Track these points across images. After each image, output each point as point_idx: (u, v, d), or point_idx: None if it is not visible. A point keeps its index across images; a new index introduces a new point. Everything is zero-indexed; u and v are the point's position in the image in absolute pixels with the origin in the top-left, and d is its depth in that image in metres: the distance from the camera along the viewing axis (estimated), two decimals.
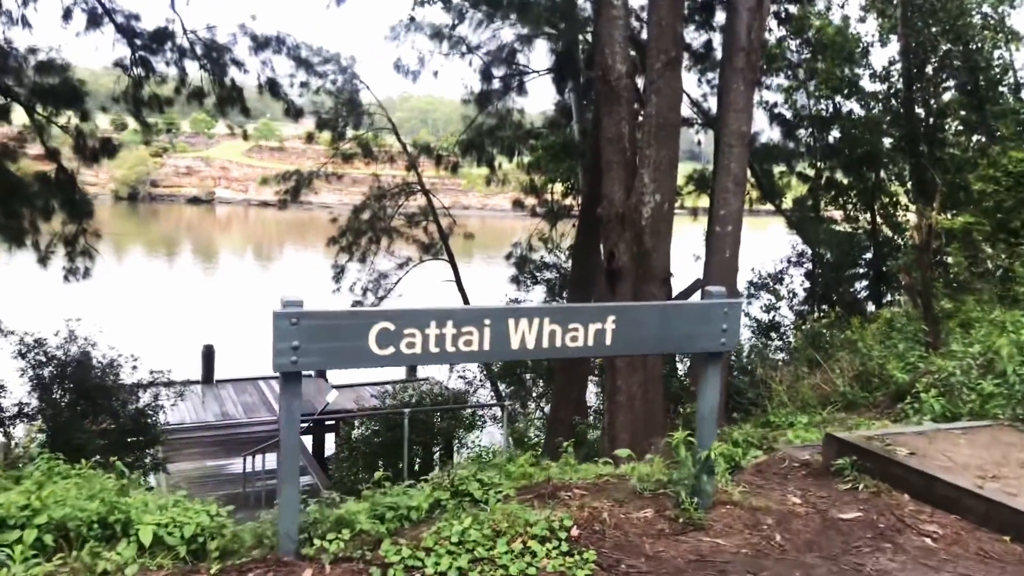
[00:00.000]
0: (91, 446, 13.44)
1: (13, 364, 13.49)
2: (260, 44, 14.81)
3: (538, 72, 20.28)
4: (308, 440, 22.34)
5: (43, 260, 15.82)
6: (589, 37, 15.77)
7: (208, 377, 24.40)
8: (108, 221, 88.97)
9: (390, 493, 3.90)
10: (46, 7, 14.69)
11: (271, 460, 17.82)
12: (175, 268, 58.82)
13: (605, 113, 9.62)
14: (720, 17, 19.12)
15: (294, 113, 16.04)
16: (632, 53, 10.12)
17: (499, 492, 4.15)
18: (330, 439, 22.18)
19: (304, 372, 3.10)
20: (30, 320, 14.60)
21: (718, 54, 19.74)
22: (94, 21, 14.84)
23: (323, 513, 3.49)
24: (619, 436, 9.36)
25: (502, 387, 18.80)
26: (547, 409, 17.83)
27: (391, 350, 3.15)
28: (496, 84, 20.54)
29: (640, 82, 10.39)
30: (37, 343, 13.75)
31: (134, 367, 15.10)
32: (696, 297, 11.31)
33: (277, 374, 3.09)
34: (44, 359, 13.59)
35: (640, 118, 9.68)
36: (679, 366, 13.62)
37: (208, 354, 24.51)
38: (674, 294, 11.04)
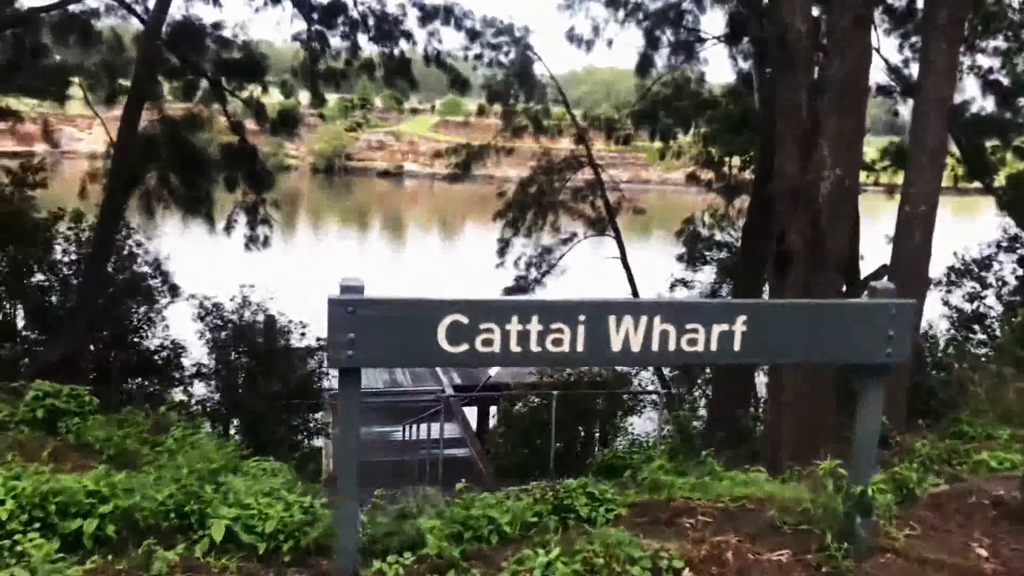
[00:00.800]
0: (259, 408, 14.06)
1: (192, 327, 14.32)
2: (428, 15, 14.71)
3: (716, 38, 19.05)
4: (472, 412, 22.55)
5: (227, 229, 16.68)
6: None
7: None
8: (304, 192, 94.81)
9: (479, 503, 3.44)
10: None
11: (433, 430, 18.07)
12: (359, 238, 61.58)
13: (780, 78, 8.63)
14: None
15: (460, 85, 15.91)
16: (814, 12, 9.02)
17: (610, 511, 3.59)
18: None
19: None
20: (211, 286, 15.44)
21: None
22: None
23: (393, 527, 3.08)
24: (782, 439, 8.47)
25: (666, 370, 17.97)
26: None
27: (464, 347, 2.66)
28: (671, 52, 19.50)
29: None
30: (215, 307, 14.49)
31: (303, 333, 15.63)
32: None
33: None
34: (220, 323, 14.30)
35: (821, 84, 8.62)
36: None
37: None
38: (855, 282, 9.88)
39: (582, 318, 2.72)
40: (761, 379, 14.95)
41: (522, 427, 16.08)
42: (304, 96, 17.72)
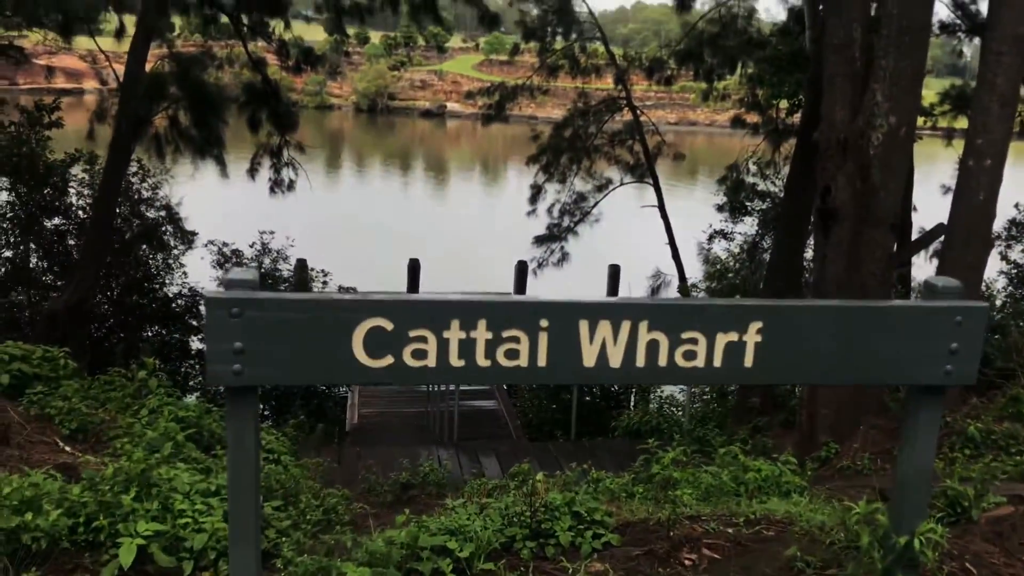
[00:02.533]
0: None
1: (211, 273, 13.94)
2: None
3: None
4: None
5: (251, 172, 16.19)
6: None
7: (413, 291, 24.73)
8: (348, 132, 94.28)
9: (436, 523, 2.86)
10: None
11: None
12: (397, 182, 61.05)
13: (831, 12, 7.73)
14: None
15: (489, 21, 15.00)
16: None
17: (598, 536, 2.99)
18: None
19: None
20: (233, 233, 15.02)
21: None
22: None
23: (314, 567, 2.52)
24: (820, 412, 7.80)
25: None
26: None
27: (388, 360, 2.05)
28: None
29: None
30: (234, 254, 14.09)
31: (324, 283, 15.21)
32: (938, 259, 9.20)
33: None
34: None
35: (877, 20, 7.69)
36: None
37: (414, 267, 24.76)
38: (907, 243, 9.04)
39: (544, 323, 2.08)
40: None
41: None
42: (316, 31, 16.95)
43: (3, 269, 13.06)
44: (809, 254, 12.20)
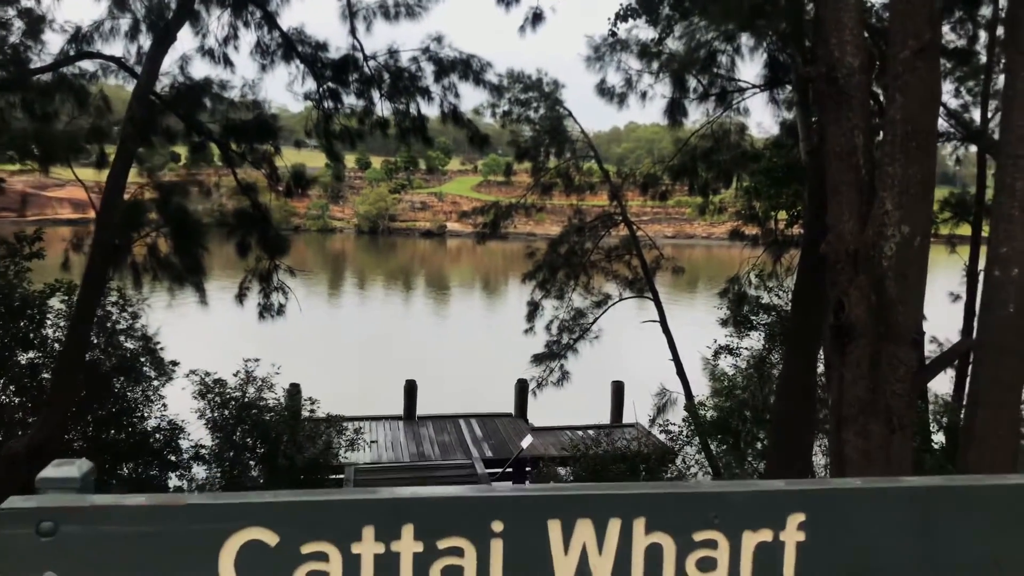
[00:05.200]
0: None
1: (189, 404, 13.30)
2: (444, 69, 13.80)
3: (756, 87, 17.91)
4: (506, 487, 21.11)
5: (239, 297, 15.75)
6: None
7: (410, 413, 23.95)
8: (350, 253, 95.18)
9: None
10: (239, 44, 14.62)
11: None
12: (398, 301, 60.96)
13: (831, 121, 7.35)
14: (986, 10, 15.86)
15: (479, 142, 14.89)
16: (867, 40, 7.78)
17: None
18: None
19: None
20: (215, 361, 14.47)
21: (983, 57, 16.42)
22: (285, 55, 14.59)
23: None
24: None
25: (713, 445, 16.41)
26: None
27: None
28: (707, 102, 18.43)
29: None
30: (216, 383, 13.48)
31: (311, 411, 14.54)
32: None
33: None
34: (220, 401, 13.27)
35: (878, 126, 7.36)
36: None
37: (411, 389, 24.08)
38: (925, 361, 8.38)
39: (498, 526, 1.47)
40: (821, 461, 13.39)
41: None
42: (319, 157, 16.91)
43: None
44: (821, 370, 11.59)
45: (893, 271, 6.84)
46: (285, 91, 14.83)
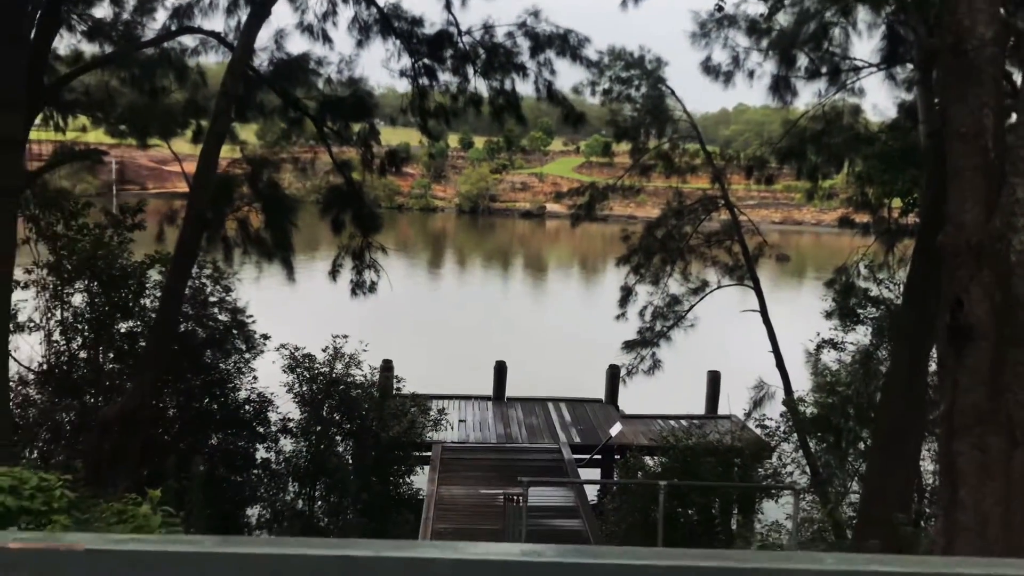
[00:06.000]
0: (341, 468, 12.97)
1: (279, 378, 13.47)
2: (539, 44, 13.41)
3: (873, 65, 16.78)
4: (594, 473, 20.75)
5: (332, 274, 15.87)
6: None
7: (499, 394, 23.84)
8: (451, 232, 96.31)
9: None
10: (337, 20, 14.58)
11: (546, 494, 16.45)
12: (493, 281, 61.09)
13: (956, 98, 6.64)
14: None
15: (574, 120, 14.46)
16: (1000, 10, 6.97)
17: None
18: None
19: None
20: (312, 336, 14.60)
21: None
22: (382, 30, 14.48)
23: None
24: None
25: (812, 443, 15.60)
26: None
27: None
28: (820, 80, 17.42)
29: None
30: (306, 357, 13.60)
31: (398, 389, 14.54)
32: None
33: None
34: (309, 375, 13.38)
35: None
36: None
37: (500, 370, 23.96)
38: None
39: None
40: (929, 467, 12.48)
41: (639, 503, 14.23)
42: (409, 133, 16.84)
43: (80, 371, 12.91)
44: (933, 368, 10.73)
45: (1022, 267, 6.12)
46: (381, 68, 14.60)
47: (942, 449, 6.73)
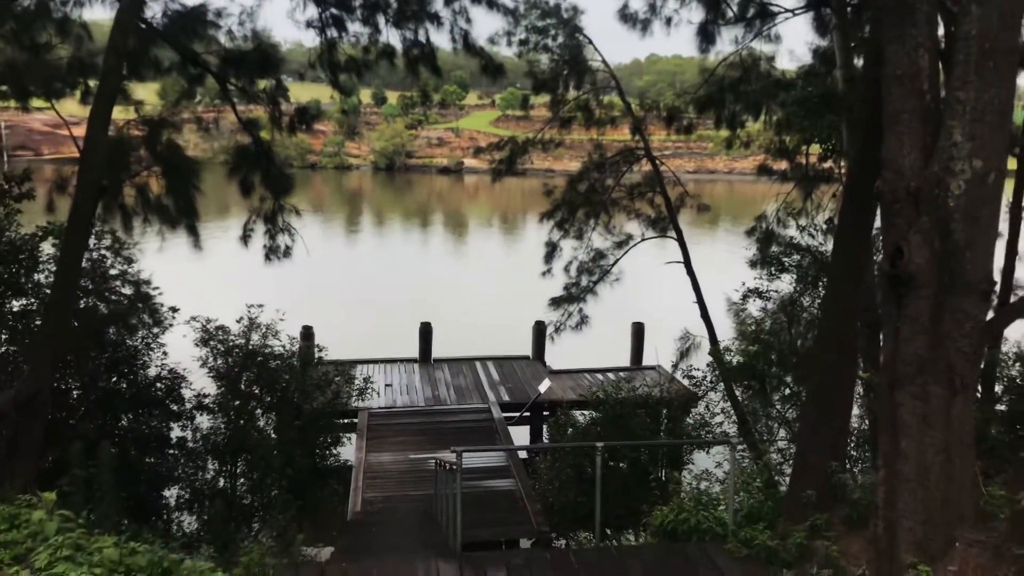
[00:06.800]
0: (263, 444, 12.41)
1: (190, 352, 12.74)
2: None
3: (790, 11, 16.71)
4: (524, 431, 20.63)
5: (244, 239, 15.05)
6: None
7: (425, 356, 23.42)
8: (367, 190, 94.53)
9: None
10: None
11: (476, 457, 16.17)
12: (413, 240, 60.21)
13: (891, 39, 6.43)
14: None
15: (492, 72, 13.88)
16: None
17: None
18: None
19: None
20: (226, 307, 13.85)
21: None
22: None
23: None
24: (902, 523, 6.29)
25: (738, 391, 15.71)
26: (796, 426, 14.57)
27: None
28: (739, 29, 17.29)
29: None
30: (220, 329, 12.89)
31: (319, 357, 13.98)
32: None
33: None
34: (223, 348, 12.69)
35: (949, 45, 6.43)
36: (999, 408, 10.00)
37: (426, 331, 23.50)
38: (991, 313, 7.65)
39: None
40: (859, 413, 12.65)
41: (572, 459, 14.08)
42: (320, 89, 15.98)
43: None
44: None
45: (962, 212, 5.99)
46: (286, 20, 13.71)
47: (882, 400, 6.65)
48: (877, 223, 8.57)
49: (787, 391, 15.63)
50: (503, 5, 13.12)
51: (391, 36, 13.86)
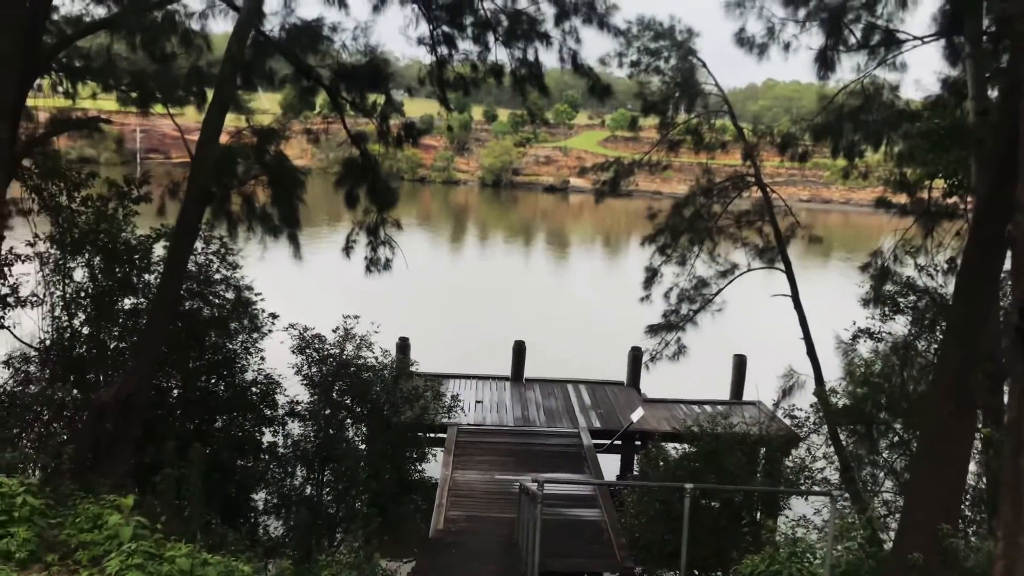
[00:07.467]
0: (351, 454, 12.47)
1: (287, 359, 12.95)
2: (564, 11, 12.64)
3: (919, 38, 15.85)
4: (614, 460, 20.17)
5: (346, 250, 15.31)
6: None
7: (518, 374, 23.26)
8: (473, 205, 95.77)
9: None
10: None
11: (562, 484, 15.85)
12: (514, 257, 60.39)
13: None
14: None
15: (600, 92, 13.69)
16: None
17: None
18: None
19: None
20: (329, 316, 14.06)
21: None
22: None
23: None
24: None
25: (843, 436, 14.89)
26: (904, 477, 13.66)
27: None
28: (862, 56, 16.53)
29: None
30: (315, 338, 13.08)
31: (412, 371, 14.02)
32: None
33: None
34: (318, 356, 12.85)
35: None
36: None
37: (519, 349, 23.35)
38: None
39: None
40: (976, 471, 11.73)
41: (661, 494, 13.60)
42: (432, 105, 16.14)
43: (81, 349, 12.44)
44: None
45: None
46: (399, 36, 13.93)
47: (1008, 464, 6.05)
48: (1006, 266, 7.95)
49: (895, 439, 14.71)
50: (614, 26, 12.91)
51: (500, 54, 13.90)
